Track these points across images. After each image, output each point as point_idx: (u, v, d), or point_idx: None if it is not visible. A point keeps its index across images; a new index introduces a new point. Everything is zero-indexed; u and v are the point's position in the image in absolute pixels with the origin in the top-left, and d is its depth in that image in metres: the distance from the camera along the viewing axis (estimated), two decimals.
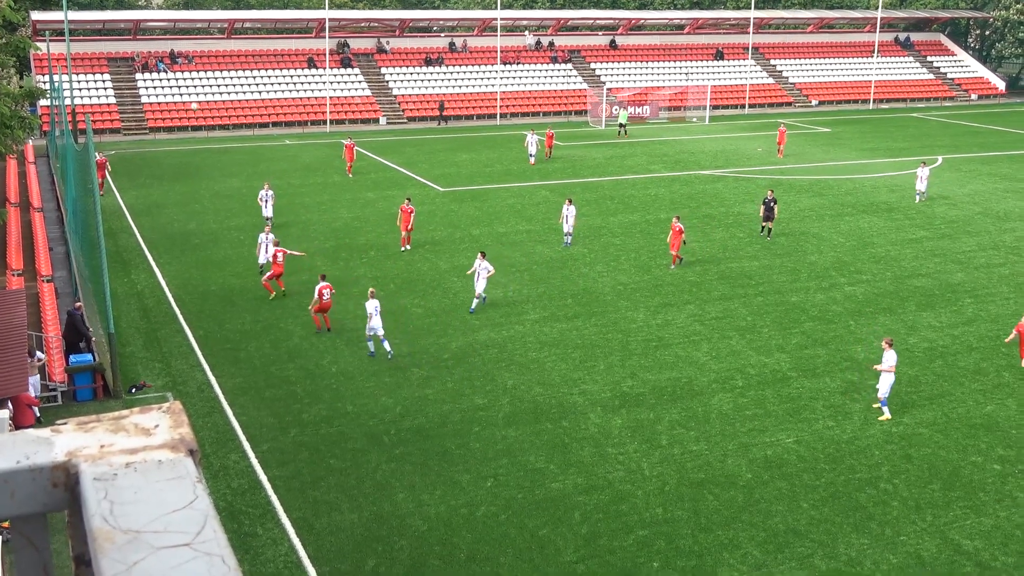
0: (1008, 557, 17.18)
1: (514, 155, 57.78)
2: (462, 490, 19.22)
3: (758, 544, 17.47)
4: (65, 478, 1.74)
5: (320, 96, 70.33)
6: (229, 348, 26.81)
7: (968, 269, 34.91)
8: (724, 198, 46.15)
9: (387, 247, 37.12)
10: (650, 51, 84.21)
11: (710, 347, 27.01)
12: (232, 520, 18.09)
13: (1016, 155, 59.71)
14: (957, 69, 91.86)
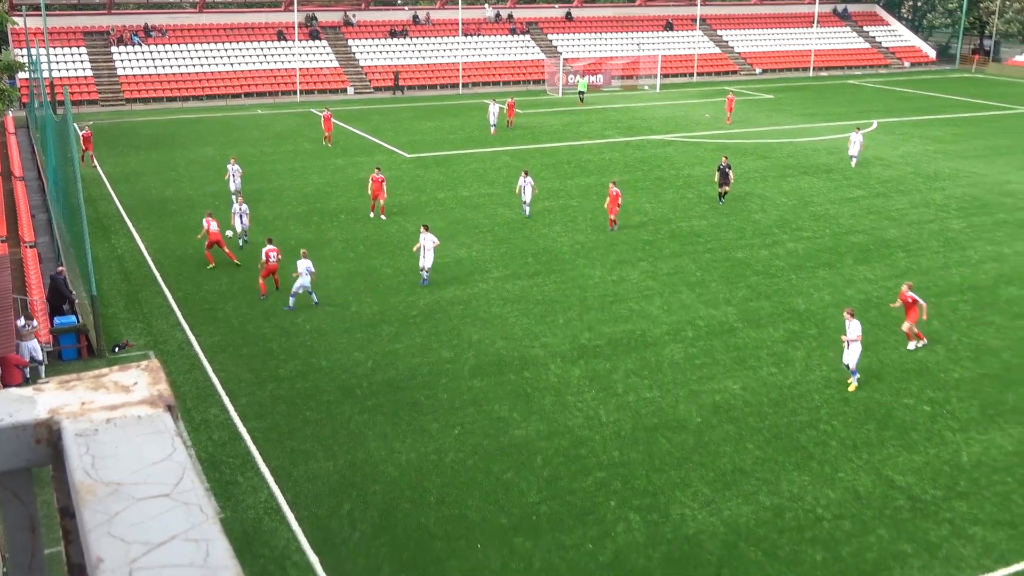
0: (937, 491, 17.55)
1: (476, 123, 57.41)
2: (431, 438, 19.28)
3: (707, 483, 17.69)
4: (48, 434, 1.72)
5: (290, 67, 69.36)
6: (207, 308, 26.59)
7: (901, 226, 35.28)
8: (674, 161, 46.22)
9: (357, 211, 36.86)
10: (604, 23, 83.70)
11: (662, 301, 27.17)
12: (214, 470, 18.05)
13: (945, 119, 60.23)
14: (891, 38, 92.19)
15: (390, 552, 15.59)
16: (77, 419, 1.72)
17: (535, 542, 15.86)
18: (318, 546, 15.70)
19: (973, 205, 38.32)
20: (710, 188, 40.44)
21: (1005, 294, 28.06)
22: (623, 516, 16.61)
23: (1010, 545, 15.89)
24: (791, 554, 15.59)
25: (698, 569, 15.18)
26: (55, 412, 1.74)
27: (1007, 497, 17.35)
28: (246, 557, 15.36)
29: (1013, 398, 21.32)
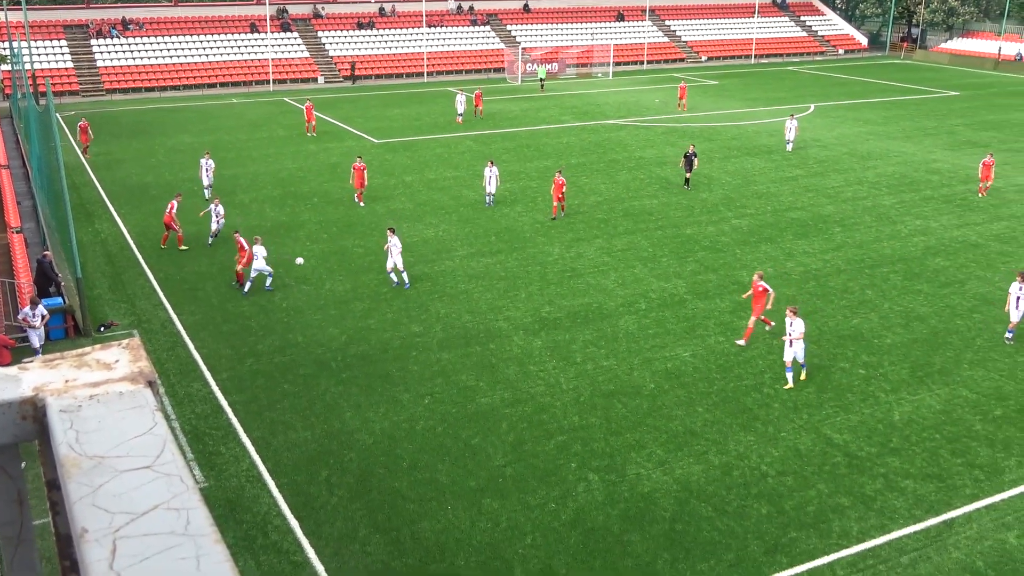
0: (872, 448, 17.83)
1: (440, 109, 57.07)
2: (403, 407, 19.27)
3: (661, 444, 17.85)
4: (33, 411, 1.69)
5: (263, 58, 68.45)
6: (188, 288, 26.31)
7: (837, 202, 35.63)
8: (627, 144, 46.28)
9: (329, 194, 36.56)
10: (559, 14, 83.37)
11: (617, 276, 27.27)
12: (197, 441, 17.92)
13: (877, 102, 60.78)
14: (826, 27, 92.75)
15: (366, 515, 15.60)
16: (61, 396, 1.69)
17: (502, 502, 15.94)
18: (298, 511, 15.67)
19: (902, 183, 38.78)
20: (660, 169, 40.59)
21: (932, 264, 28.47)
22: (583, 477, 16.72)
23: (938, 496, 16.21)
24: (739, 508, 15.79)
25: (653, 525, 15.34)
26: (39, 390, 1.72)
27: (935, 452, 17.67)
28: (230, 523, 15.30)
29: (940, 361, 21.68)
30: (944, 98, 63.29)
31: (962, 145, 46.75)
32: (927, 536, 15.10)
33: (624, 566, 14.30)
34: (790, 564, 14.36)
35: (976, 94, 65.38)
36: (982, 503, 16.00)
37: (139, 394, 1.68)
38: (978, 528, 15.31)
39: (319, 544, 14.81)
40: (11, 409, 1.69)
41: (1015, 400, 19.75)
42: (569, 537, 15.00)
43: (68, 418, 1.61)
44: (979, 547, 14.80)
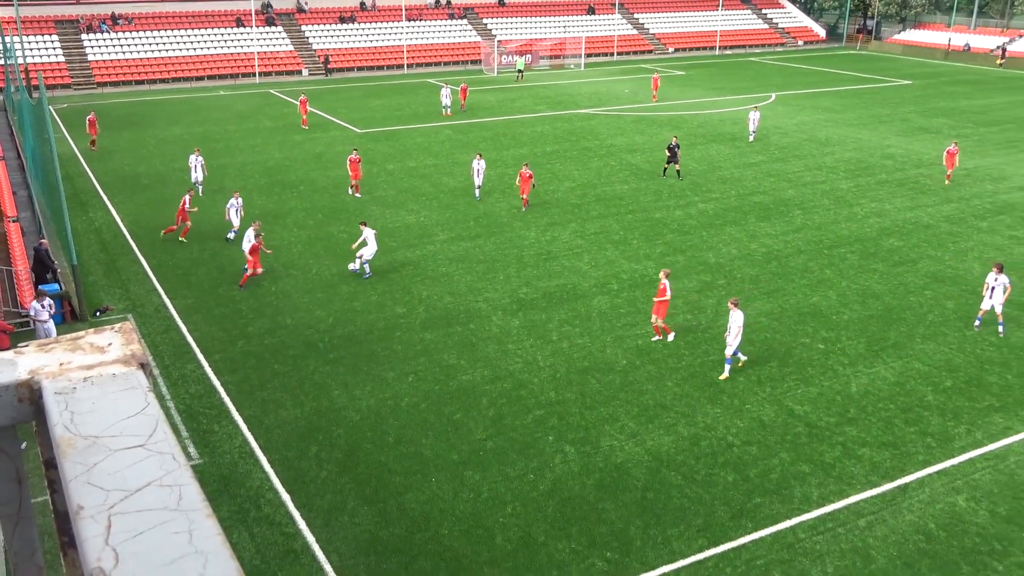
0: (830, 418, 18.00)
1: (420, 100, 56.77)
2: (388, 385, 19.25)
3: (633, 417, 17.94)
4: (29, 393, 1.67)
5: (248, 51, 67.74)
6: (180, 274, 26.10)
7: (797, 186, 35.79)
8: (598, 133, 46.22)
9: (315, 182, 36.33)
10: (533, 7, 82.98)
11: (590, 258, 27.30)
12: (192, 420, 17.83)
13: (834, 91, 61.01)
14: (786, 20, 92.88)
15: (354, 487, 15.60)
16: (56, 379, 1.67)
17: (483, 474, 15.98)
18: (289, 485, 15.65)
19: (858, 167, 39.00)
20: (631, 156, 40.59)
21: (886, 245, 28.69)
22: (560, 449, 16.79)
23: (893, 463, 16.41)
24: (706, 477, 15.92)
25: (626, 493, 15.43)
26: (35, 373, 1.70)
27: (890, 422, 17.87)
28: (224, 498, 15.26)
29: (894, 335, 21.89)
30: (897, 87, 63.61)
31: (915, 131, 47.05)
32: (883, 500, 15.29)
33: (599, 532, 14.39)
34: (755, 528, 14.50)
35: (928, 83, 65.76)
36: (934, 469, 16.21)
37: (132, 376, 1.67)
38: (930, 492, 15.51)
39: (310, 516, 14.80)
40: (8, 392, 1.67)
41: (964, 372, 19.98)
42: (547, 506, 15.07)
43: (63, 400, 1.60)
44: (931, 510, 15.01)
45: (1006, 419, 17.97)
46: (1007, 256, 27.51)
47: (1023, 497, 15.36)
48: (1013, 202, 33.62)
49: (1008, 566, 13.63)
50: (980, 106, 55.64)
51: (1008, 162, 40.15)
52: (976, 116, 52.00)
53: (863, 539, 14.24)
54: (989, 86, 64.52)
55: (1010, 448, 16.92)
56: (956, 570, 13.54)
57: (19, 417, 1.73)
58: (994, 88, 63.53)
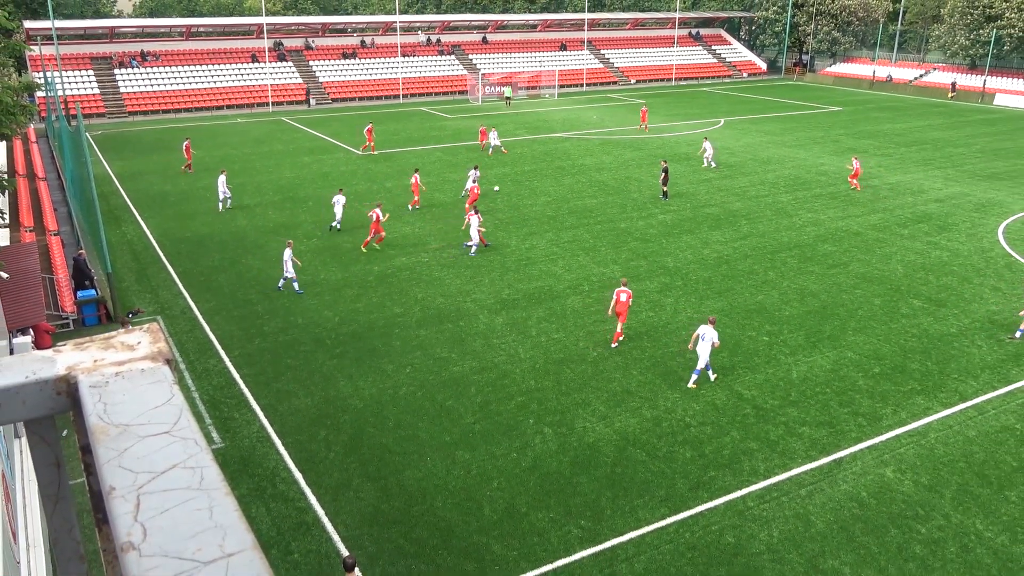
0: (775, 401, 18.08)
1: (415, 126, 56.64)
2: (388, 376, 19.18)
3: (603, 402, 17.95)
4: (67, 387, 1.65)
5: (262, 84, 67.37)
6: (203, 280, 25.90)
7: (744, 199, 35.96)
8: (570, 154, 46.27)
9: (322, 198, 36.13)
10: (512, 44, 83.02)
11: (564, 263, 27.31)
12: (214, 409, 17.69)
13: (775, 116, 61.38)
14: (733, 54, 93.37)
15: (359, 466, 15.52)
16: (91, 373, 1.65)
17: (472, 453, 15.94)
18: (301, 464, 15.55)
19: (796, 183, 39.23)
20: (598, 174, 40.65)
21: (822, 250, 28.87)
22: (539, 430, 16.78)
23: (829, 440, 16.50)
24: (667, 453, 15.94)
25: (597, 469, 15.44)
26: (72, 368, 1.67)
27: (826, 404, 17.97)
28: (244, 477, 15.14)
29: (829, 328, 22.02)
30: (829, 113, 64.08)
31: (845, 151, 47.37)
32: (821, 472, 15.37)
33: (574, 503, 14.38)
34: (710, 498, 14.54)
35: (856, 109, 66.28)
36: (865, 444, 16.32)
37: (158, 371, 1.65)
38: (862, 465, 15.60)
39: (319, 492, 14.71)
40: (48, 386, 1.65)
41: (890, 360, 20.13)
42: (528, 480, 15.05)
43: (97, 392, 1.58)
44: (863, 480, 15.10)
45: (927, 400, 18.11)
46: (925, 259, 27.76)
47: (942, 469, 15.48)
48: (930, 212, 33.93)
49: (930, 528, 13.73)
50: (901, 129, 56.14)
51: (925, 177, 40.53)
52: (898, 138, 52.45)
53: (804, 507, 14.30)
54: (908, 111, 65.13)
55: (930, 426, 17.05)
56: (885, 533, 13.62)
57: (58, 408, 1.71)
58: (912, 113, 64.13)
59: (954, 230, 31.31)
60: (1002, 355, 20.39)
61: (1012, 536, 13.54)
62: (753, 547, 13.27)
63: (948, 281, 25.63)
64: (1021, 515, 14.10)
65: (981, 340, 21.28)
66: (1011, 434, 16.73)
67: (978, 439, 16.52)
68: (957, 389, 18.62)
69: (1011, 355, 20.40)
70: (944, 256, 28.10)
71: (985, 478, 15.17)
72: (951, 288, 25.01)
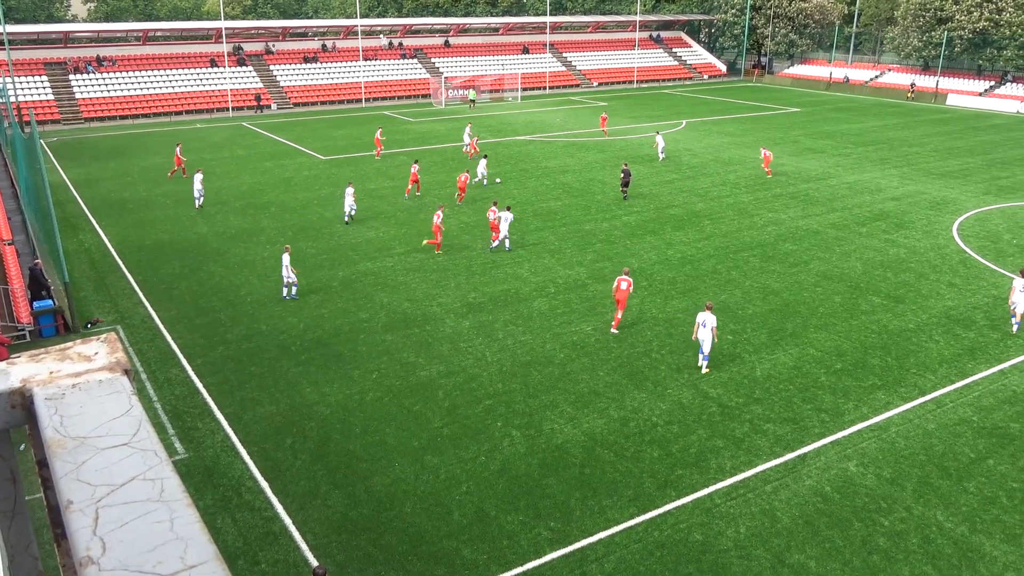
0: (739, 398, 18.28)
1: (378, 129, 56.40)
2: (354, 382, 19.04)
3: (570, 403, 18.00)
4: (22, 400, 1.61)
5: (222, 88, 66.55)
6: (164, 288, 25.49)
7: (706, 200, 36.33)
8: (534, 157, 46.37)
9: (284, 203, 35.80)
10: (475, 48, 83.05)
11: (530, 266, 27.35)
12: (177, 419, 17.41)
13: (735, 118, 62.13)
14: (693, 57, 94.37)
15: (326, 474, 15.38)
16: (46, 386, 1.61)
17: (440, 458, 15.89)
18: (267, 473, 15.36)
19: (757, 183, 39.74)
20: (563, 176, 40.81)
21: (783, 249, 29.27)
22: (507, 433, 16.77)
23: (793, 436, 16.72)
24: (635, 453, 16.04)
25: (566, 470, 15.47)
26: (27, 381, 1.63)
27: (790, 400, 18.21)
28: (208, 487, 14.92)
29: (791, 326, 22.33)
30: (788, 114, 65.03)
31: (804, 152, 48.13)
32: (785, 468, 15.56)
33: (544, 505, 14.40)
34: (678, 496, 14.65)
35: (814, 110, 67.36)
36: (828, 440, 16.57)
37: (116, 381, 1.62)
38: (825, 460, 15.84)
39: (287, 501, 14.55)
40: (2, 399, 1.61)
41: (851, 356, 20.47)
42: (497, 484, 15.04)
43: (53, 405, 1.54)
44: (827, 475, 15.33)
45: (887, 395, 18.44)
46: (884, 256, 28.29)
47: (903, 462, 15.78)
48: (887, 210, 34.59)
49: (892, 521, 13.98)
50: (857, 129, 57.17)
51: (882, 176, 41.31)
52: (855, 138, 53.41)
53: (770, 502, 14.48)
54: (864, 112, 66.36)
55: (891, 420, 17.37)
56: (849, 526, 13.84)
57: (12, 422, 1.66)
58: (868, 114, 65.34)
59: (911, 228, 31.95)
60: (958, 349, 20.85)
61: (971, 526, 13.84)
62: (721, 544, 13.40)
63: (906, 278, 26.14)
64: (979, 505, 14.42)
65: (939, 335, 21.74)
66: (968, 426, 17.11)
67: (937, 432, 16.86)
68: (916, 383, 18.99)
69: (967, 349, 20.87)
70: (901, 253, 28.67)
71: (945, 470, 15.49)
72: (909, 284, 25.52)
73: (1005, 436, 16.74)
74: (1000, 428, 17.05)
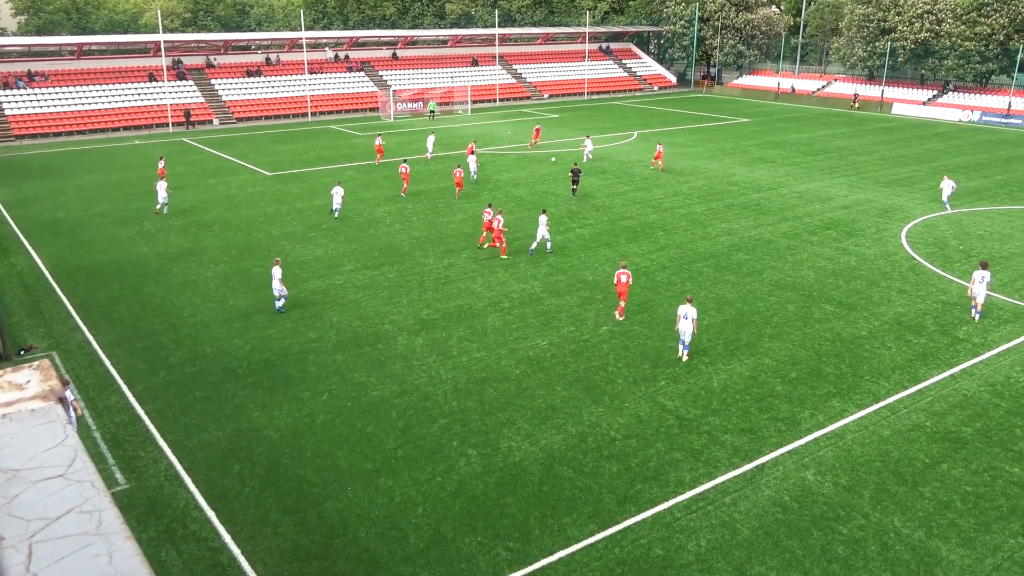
0: (697, 410, 18.47)
1: (324, 144, 55.99)
2: (304, 404, 18.78)
3: (528, 420, 18.00)
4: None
5: (161, 103, 65.46)
6: (102, 311, 24.87)
7: (659, 211, 36.79)
8: (486, 169, 46.41)
9: (228, 221, 35.26)
10: (423, 60, 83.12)
11: (484, 280, 27.35)
12: (118, 448, 16.95)
13: (686, 128, 63.14)
14: (643, 68, 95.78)
15: (276, 501, 15.11)
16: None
17: (395, 480, 15.73)
18: (214, 502, 15.03)
19: (709, 193, 40.39)
20: (515, 190, 40.96)
21: (736, 259, 29.75)
22: (463, 452, 16.69)
23: (751, 446, 16.95)
24: (594, 469, 16.08)
25: (524, 488, 15.44)
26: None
27: (747, 411, 18.47)
28: (152, 519, 14.54)
29: (746, 336, 22.68)
30: (738, 124, 66.33)
31: (755, 162, 49.10)
32: (744, 479, 15.76)
33: (502, 525, 14.34)
34: (638, 511, 14.72)
35: (763, 120, 68.82)
36: (785, 449, 16.83)
37: (50, 410, 1.57)
38: (783, 470, 16.08)
39: (235, 530, 14.25)
40: None
41: (806, 364, 20.86)
42: (454, 505, 14.94)
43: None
44: (785, 485, 15.56)
45: (842, 403, 18.82)
46: (835, 265, 28.95)
47: (860, 469, 16.10)
48: (837, 219, 35.43)
49: (851, 528, 14.24)
50: (806, 139, 58.54)
51: (831, 185, 42.34)
52: (803, 147, 54.67)
53: (730, 514, 14.63)
54: (812, 122, 68.00)
55: (847, 427, 17.72)
56: (808, 536, 14.05)
57: None
58: (816, 123, 66.99)
59: (860, 235, 32.77)
60: (910, 355, 21.40)
61: (928, 531, 14.17)
62: (682, 558, 13.49)
63: (857, 285, 26.77)
64: (935, 510, 14.78)
65: (891, 341, 22.29)
66: (922, 432, 17.54)
67: (892, 438, 17.25)
68: (870, 390, 19.42)
69: (919, 355, 21.43)
70: (852, 261, 29.37)
71: (900, 476, 15.84)
72: (860, 292, 26.14)
73: (957, 440, 17.20)
74: (952, 432, 17.52)
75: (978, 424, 17.91)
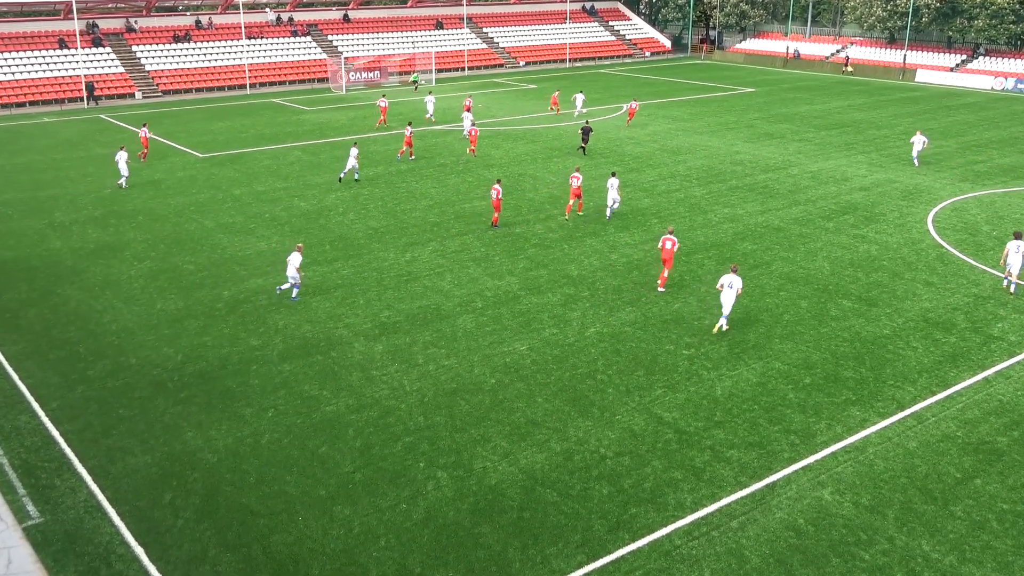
0: (698, 423, 18.58)
1: (266, 120, 55.64)
2: (246, 422, 18.66)
3: (505, 436, 18.01)
4: None
5: (75, 75, 64.68)
6: (8, 317, 24.53)
7: (652, 195, 36.94)
8: (453, 149, 46.40)
9: (153, 211, 34.94)
10: (380, 23, 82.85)
11: (452, 276, 27.33)
12: (29, 476, 16.75)
13: (683, 100, 63.45)
14: (633, 31, 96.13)
15: (215, 534, 15.01)
16: None
17: (353, 508, 15.69)
18: (142, 537, 14.90)
19: (710, 174, 40.63)
20: (487, 172, 40.96)
21: (741, 248, 29.96)
22: (432, 475, 16.68)
23: (761, 463, 17.08)
24: (582, 492, 16.13)
25: (502, 515, 15.46)
26: None
27: (755, 422, 18.61)
28: (70, 557, 14.38)
29: (754, 337, 22.85)
30: (742, 94, 66.76)
31: (761, 138, 49.46)
32: (753, 500, 15.88)
33: (477, 558, 14.35)
34: (632, 539, 14.79)
35: (770, 89, 69.33)
36: (799, 465, 16.98)
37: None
38: (797, 488, 16.23)
39: (167, 569, 14.13)
40: None
41: (821, 368, 21.06)
42: (422, 535, 14.93)
43: None
44: (799, 506, 15.70)
45: (863, 411, 19.03)
46: (853, 255, 29.25)
47: (883, 486, 16.28)
48: (855, 202, 35.80)
49: (874, 554, 14.41)
50: (820, 111, 59.08)
51: (848, 164, 42.76)
52: (816, 120, 55.17)
53: (736, 540, 14.75)
54: (826, 91, 68.63)
55: (868, 439, 17.92)
56: (826, 563, 14.20)
57: None
58: (831, 93, 67.60)
59: (882, 221, 33.14)
60: (939, 356, 21.68)
61: (960, 555, 14.37)
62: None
63: (878, 277, 27.07)
64: (968, 532, 14.99)
65: (916, 341, 22.56)
66: (953, 443, 17.78)
67: (919, 451, 17.47)
68: (894, 397, 19.65)
69: (948, 356, 21.72)
70: (873, 250, 29.69)
71: (929, 493, 16.06)
72: (882, 285, 26.43)
73: (993, 452, 17.46)
74: (987, 443, 17.78)
75: (1015, 433, 18.18)
